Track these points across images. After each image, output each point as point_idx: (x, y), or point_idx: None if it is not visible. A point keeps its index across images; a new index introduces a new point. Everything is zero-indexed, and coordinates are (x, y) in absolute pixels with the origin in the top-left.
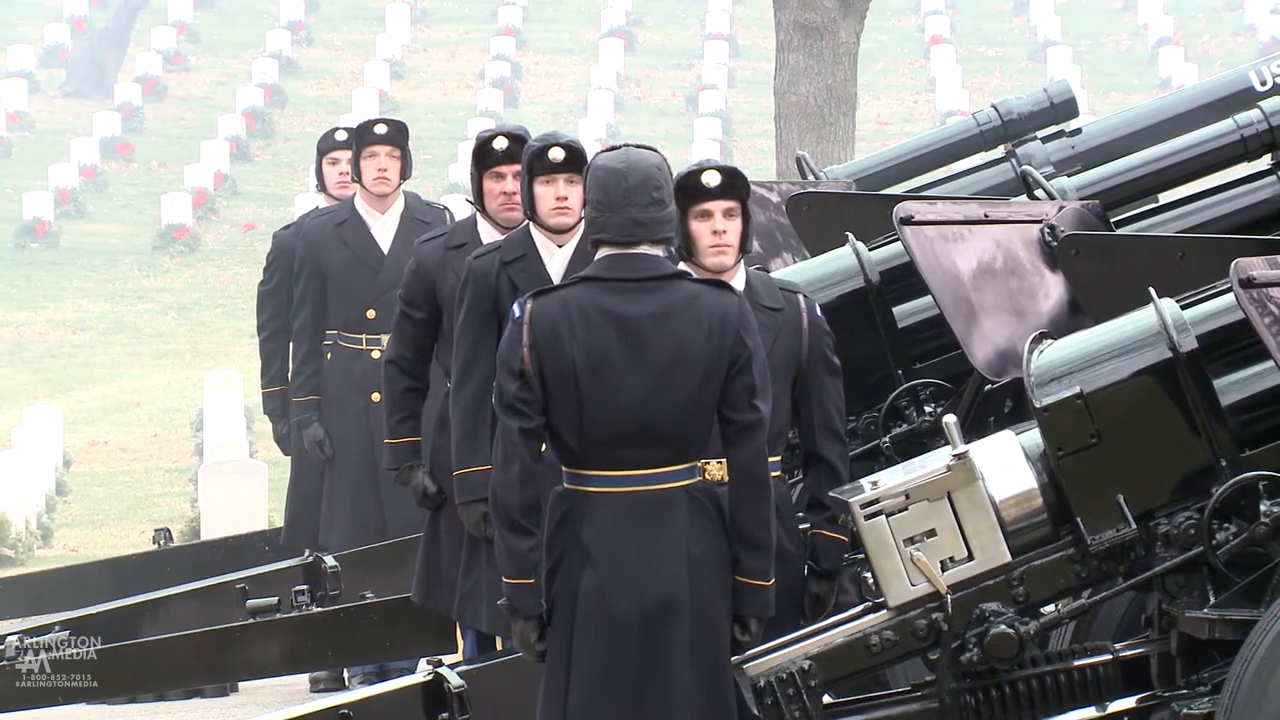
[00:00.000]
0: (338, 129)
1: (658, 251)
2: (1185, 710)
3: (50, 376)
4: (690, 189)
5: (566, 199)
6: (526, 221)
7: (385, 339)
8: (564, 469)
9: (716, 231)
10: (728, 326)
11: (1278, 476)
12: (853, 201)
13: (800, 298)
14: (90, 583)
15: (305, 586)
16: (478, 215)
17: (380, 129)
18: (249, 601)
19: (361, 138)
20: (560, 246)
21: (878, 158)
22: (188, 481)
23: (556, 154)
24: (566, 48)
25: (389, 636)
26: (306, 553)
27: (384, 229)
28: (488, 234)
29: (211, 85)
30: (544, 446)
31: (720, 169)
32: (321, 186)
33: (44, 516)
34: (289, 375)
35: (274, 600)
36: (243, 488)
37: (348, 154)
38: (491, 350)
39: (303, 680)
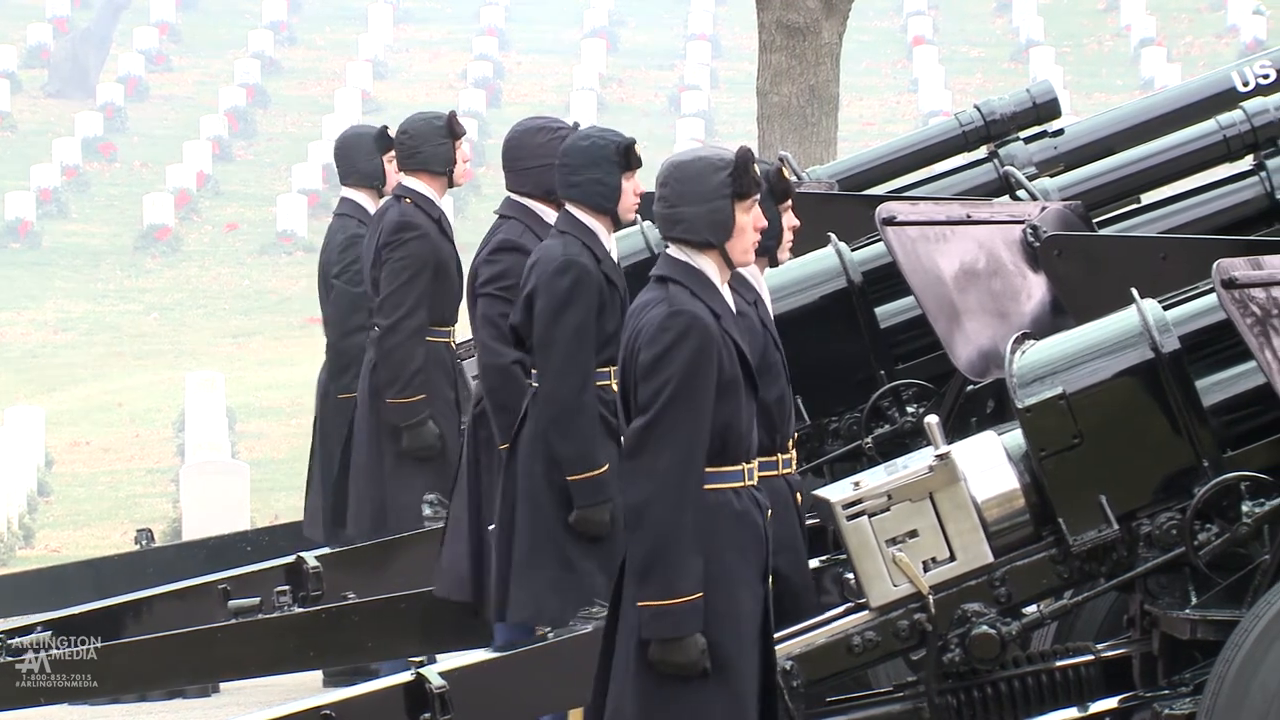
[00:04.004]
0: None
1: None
2: (1167, 710)
3: (32, 377)
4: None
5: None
6: (601, 218)
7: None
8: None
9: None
10: None
11: (1260, 477)
12: (835, 202)
13: None
14: (72, 583)
15: (287, 587)
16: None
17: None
18: (231, 602)
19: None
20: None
21: (860, 158)
22: (169, 482)
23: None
24: (549, 48)
25: (370, 637)
26: (306, 553)
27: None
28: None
29: (194, 85)
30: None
31: None
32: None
33: (25, 517)
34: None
35: (256, 601)
36: (224, 488)
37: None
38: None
39: (285, 680)
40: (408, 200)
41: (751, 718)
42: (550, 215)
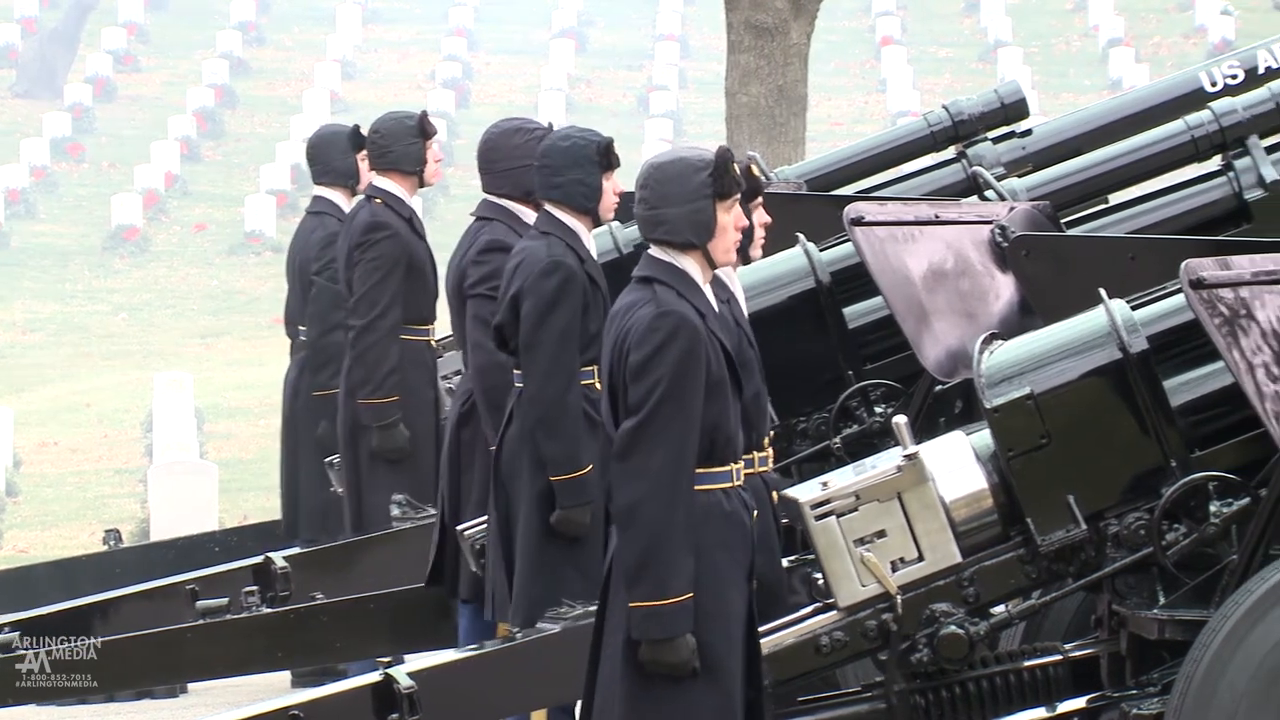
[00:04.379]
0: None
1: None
2: (1135, 710)
3: (0, 377)
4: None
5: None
6: (583, 218)
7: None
8: None
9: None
10: None
11: (1228, 477)
12: (804, 202)
13: None
14: (40, 583)
15: (255, 587)
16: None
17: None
18: (199, 602)
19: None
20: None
21: (829, 158)
22: (138, 482)
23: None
24: (518, 48)
25: (339, 637)
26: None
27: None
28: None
29: (162, 86)
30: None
31: None
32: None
33: None
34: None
35: (224, 601)
36: (193, 488)
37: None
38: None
39: (253, 681)
40: (378, 200)
41: (739, 718)
42: (529, 216)
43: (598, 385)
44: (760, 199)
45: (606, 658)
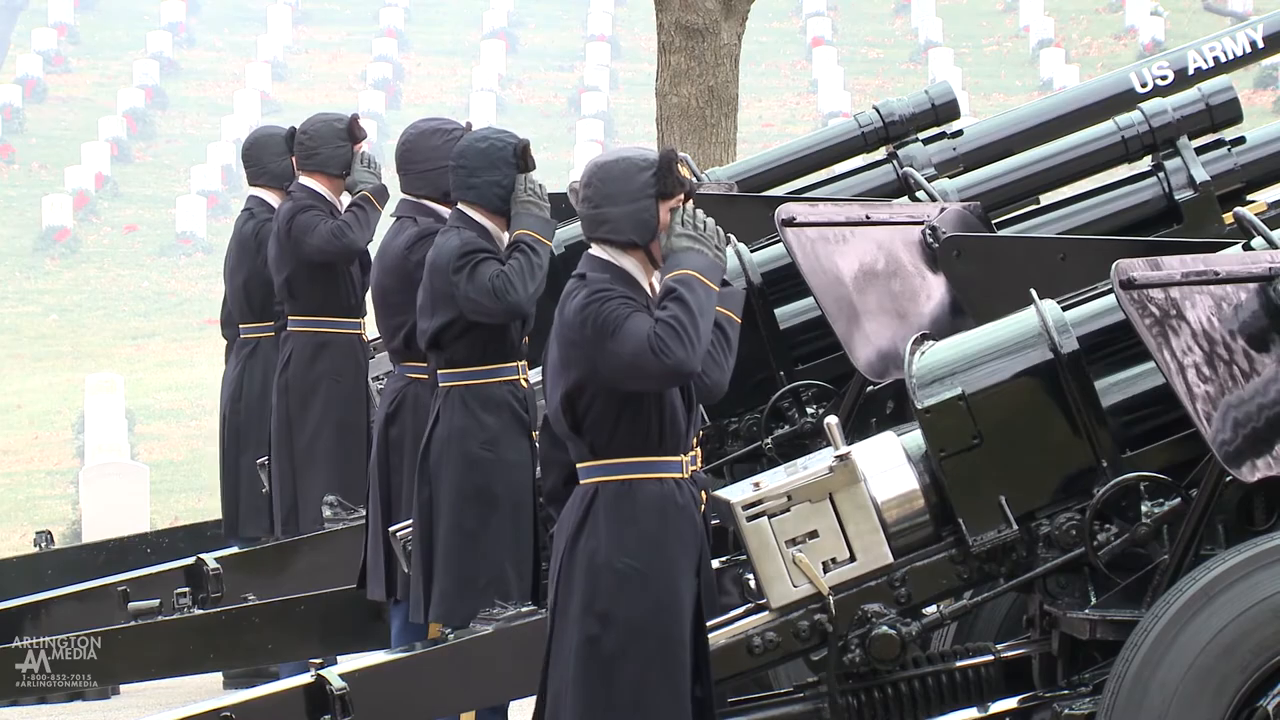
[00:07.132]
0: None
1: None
2: (1067, 710)
3: None
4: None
5: None
6: (497, 219)
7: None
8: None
9: None
10: None
11: (1159, 477)
12: (735, 203)
13: None
14: None
15: (187, 589)
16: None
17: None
18: (131, 604)
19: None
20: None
21: (760, 159)
22: (69, 484)
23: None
24: (449, 49)
25: (271, 639)
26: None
27: None
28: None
29: (92, 87)
30: None
31: None
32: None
33: None
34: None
35: (156, 603)
36: (124, 490)
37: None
38: None
39: (185, 682)
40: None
41: (686, 704)
42: (446, 215)
43: (523, 382)
44: (693, 200)
45: (562, 653)
